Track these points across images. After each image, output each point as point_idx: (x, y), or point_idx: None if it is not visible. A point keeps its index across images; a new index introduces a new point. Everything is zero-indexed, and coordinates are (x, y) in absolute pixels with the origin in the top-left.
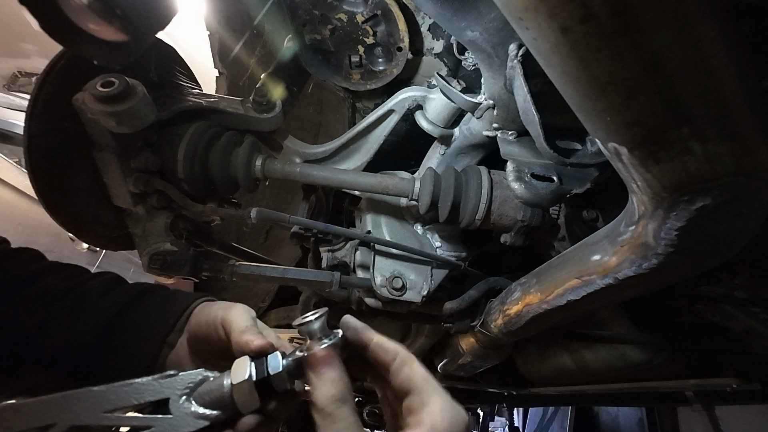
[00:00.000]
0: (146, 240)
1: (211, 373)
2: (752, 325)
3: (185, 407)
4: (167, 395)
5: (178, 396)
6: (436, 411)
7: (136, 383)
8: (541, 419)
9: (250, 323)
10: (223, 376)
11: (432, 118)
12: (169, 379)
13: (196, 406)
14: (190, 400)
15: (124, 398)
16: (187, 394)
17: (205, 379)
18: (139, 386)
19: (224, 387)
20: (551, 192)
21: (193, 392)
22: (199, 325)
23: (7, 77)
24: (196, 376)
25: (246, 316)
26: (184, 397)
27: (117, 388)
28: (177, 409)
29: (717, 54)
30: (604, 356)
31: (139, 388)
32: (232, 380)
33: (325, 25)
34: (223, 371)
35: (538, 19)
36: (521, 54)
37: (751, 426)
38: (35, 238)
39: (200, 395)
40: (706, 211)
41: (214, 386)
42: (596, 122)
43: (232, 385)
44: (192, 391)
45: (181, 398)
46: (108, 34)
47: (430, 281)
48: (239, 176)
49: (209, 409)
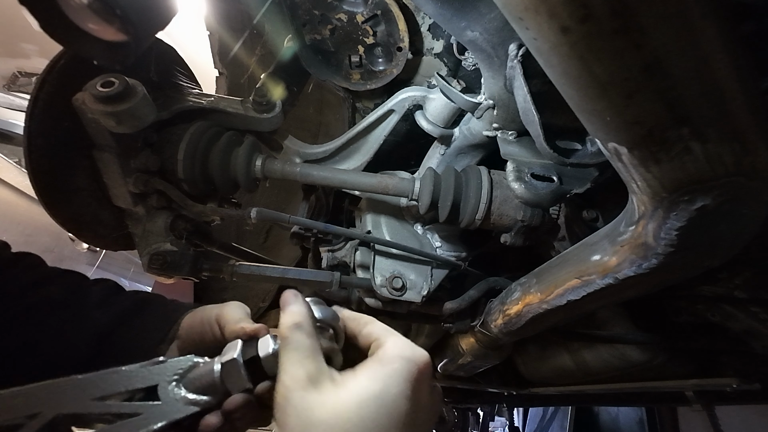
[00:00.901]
0: (146, 240)
1: (201, 359)
2: (752, 325)
3: (175, 393)
4: (156, 381)
5: (167, 382)
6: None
7: (124, 370)
8: (541, 419)
9: (244, 315)
10: (212, 362)
11: (432, 118)
12: (158, 365)
13: (185, 392)
14: (180, 386)
15: (113, 385)
16: (176, 380)
17: (195, 365)
18: (128, 373)
19: (214, 372)
20: (551, 192)
21: (183, 378)
22: (192, 326)
23: (7, 77)
24: (186, 362)
25: (240, 310)
26: (173, 383)
27: (105, 375)
28: (166, 396)
29: (717, 54)
30: (604, 356)
31: (128, 375)
32: (221, 360)
33: (325, 25)
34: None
35: (538, 19)
36: (521, 54)
37: (751, 426)
38: (35, 238)
39: (190, 381)
40: (706, 211)
41: (204, 371)
42: (596, 122)
43: (221, 365)
44: (182, 377)
45: (170, 384)
46: (108, 34)
47: (430, 281)
48: (239, 176)
49: (199, 395)
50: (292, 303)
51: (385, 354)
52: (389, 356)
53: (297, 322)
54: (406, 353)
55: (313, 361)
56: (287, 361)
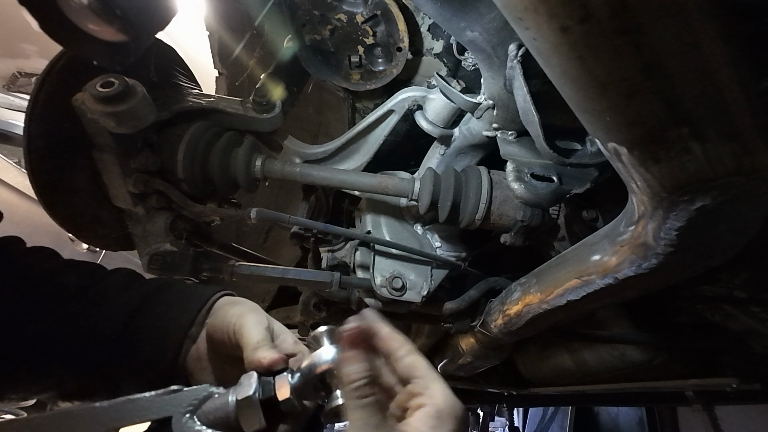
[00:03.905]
0: (146, 240)
1: (217, 389)
2: (752, 325)
3: (188, 426)
4: (170, 413)
5: (181, 414)
6: (438, 393)
7: (140, 399)
8: (541, 419)
9: (262, 336)
10: (228, 393)
11: (432, 119)
12: (173, 395)
13: (199, 426)
14: (194, 419)
15: (127, 416)
16: (191, 411)
17: (210, 395)
18: (143, 402)
19: (229, 405)
20: (551, 192)
21: (198, 409)
22: (215, 327)
23: (7, 78)
24: (201, 393)
25: (259, 328)
26: (187, 414)
27: (120, 405)
28: (180, 428)
29: (717, 54)
30: (604, 356)
31: (143, 405)
32: (237, 395)
33: (325, 26)
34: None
35: (538, 20)
36: (521, 54)
37: (751, 426)
38: (35, 238)
39: (204, 413)
40: (706, 211)
41: (219, 404)
42: (596, 122)
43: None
44: (196, 408)
45: (184, 416)
46: (108, 34)
47: (430, 281)
48: (239, 176)
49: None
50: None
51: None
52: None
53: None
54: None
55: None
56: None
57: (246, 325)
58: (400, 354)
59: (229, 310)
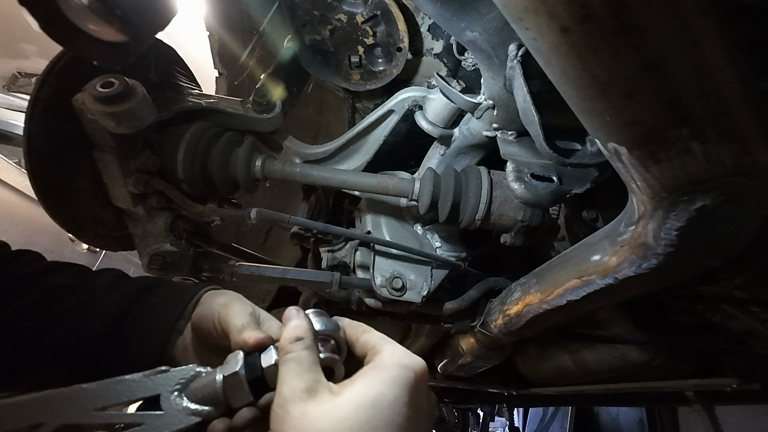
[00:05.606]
0: (146, 240)
1: (204, 369)
2: (752, 325)
3: (177, 403)
4: (159, 391)
5: (169, 392)
6: (387, 350)
7: (127, 380)
8: (541, 419)
9: (247, 320)
10: (215, 372)
11: (432, 119)
12: (161, 375)
13: (187, 402)
14: (182, 396)
15: (115, 395)
16: (178, 390)
17: (197, 374)
18: (131, 383)
19: (216, 382)
20: (551, 192)
21: (185, 388)
22: (200, 317)
23: (7, 78)
24: (188, 372)
25: (243, 313)
26: (175, 393)
27: (108, 385)
28: (168, 406)
29: (717, 54)
30: (604, 356)
31: (131, 385)
32: (223, 372)
33: (325, 26)
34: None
35: (538, 20)
36: (521, 54)
37: (751, 426)
38: (35, 238)
39: (192, 391)
40: (706, 211)
41: (206, 382)
42: (596, 122)
43: (223, 378)
44: (184, 387)
45: (172, 394)
46: (108, 34)
47: (430, 281)
48: (239, 176)
49: (201, 405)
50: (293, 318)
51: (382, 361)
52: (386, 363)
53: (297, 336)
54: (403, 360)
55: (311, 374)
56: (286, 374)
57: (231, 312)
58: (357, 336)
59: (215, 300)
